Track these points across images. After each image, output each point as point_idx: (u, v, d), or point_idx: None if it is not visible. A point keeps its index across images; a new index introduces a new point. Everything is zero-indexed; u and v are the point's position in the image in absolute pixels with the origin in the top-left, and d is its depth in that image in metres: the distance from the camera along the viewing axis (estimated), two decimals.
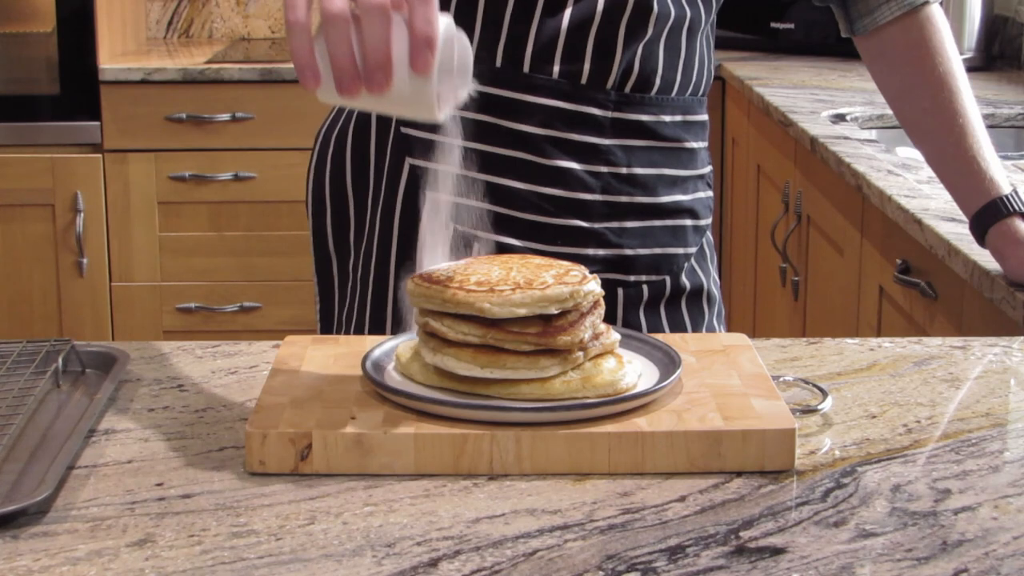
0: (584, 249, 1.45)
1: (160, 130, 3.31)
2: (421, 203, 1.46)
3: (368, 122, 1.55)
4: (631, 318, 1.49)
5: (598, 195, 1.45)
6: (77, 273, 3.37)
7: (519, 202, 1.44)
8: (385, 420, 1.03)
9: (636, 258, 1.48)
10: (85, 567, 0.87)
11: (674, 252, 1.51)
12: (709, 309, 1.55)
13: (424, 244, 1.43)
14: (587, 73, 1.43)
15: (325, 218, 1.60)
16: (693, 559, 0.88)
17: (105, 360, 1.21)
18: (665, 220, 1.50)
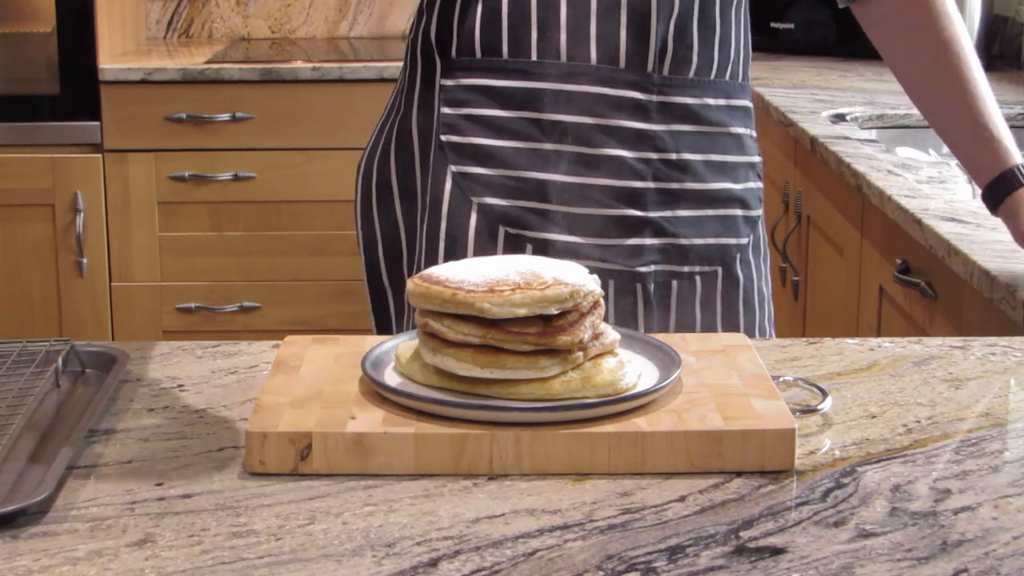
0: (641, 239, 1.45)
1: (160, 130, 3.31)
2: (469, 211, 1.45)
3: (410, 138, 1.53)
4: (686, 315, 1.48)
5: (650, 182, 1.44)
6: (77, 273, 3.37)
7: (570, 196, 1.43)
8: (385, 420, 1.03)
9: (690, 248, 1.48)
10: (85, 567, 0.87)
11: (726, 243, 1.50)
12: (760, 308, 1.54)
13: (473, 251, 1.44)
14: (624, 55, 1.42)
15: (377, 253, 1.59)
16: (693, 559, 0.88)
17: (105, 360, 1.21)
18: (717, 209, 1.49)
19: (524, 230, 1.44)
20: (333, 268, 3.35)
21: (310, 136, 3.29)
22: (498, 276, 1.07)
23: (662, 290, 1.48)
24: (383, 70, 3.23)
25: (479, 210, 1.44)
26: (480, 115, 1.45)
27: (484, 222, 1.45)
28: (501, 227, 1.44)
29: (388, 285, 1.60)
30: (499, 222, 1.44)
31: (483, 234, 1.45)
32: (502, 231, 1.44)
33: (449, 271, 1.10)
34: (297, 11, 3.85)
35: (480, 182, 1.44)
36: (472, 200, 1.45)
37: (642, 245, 1.45)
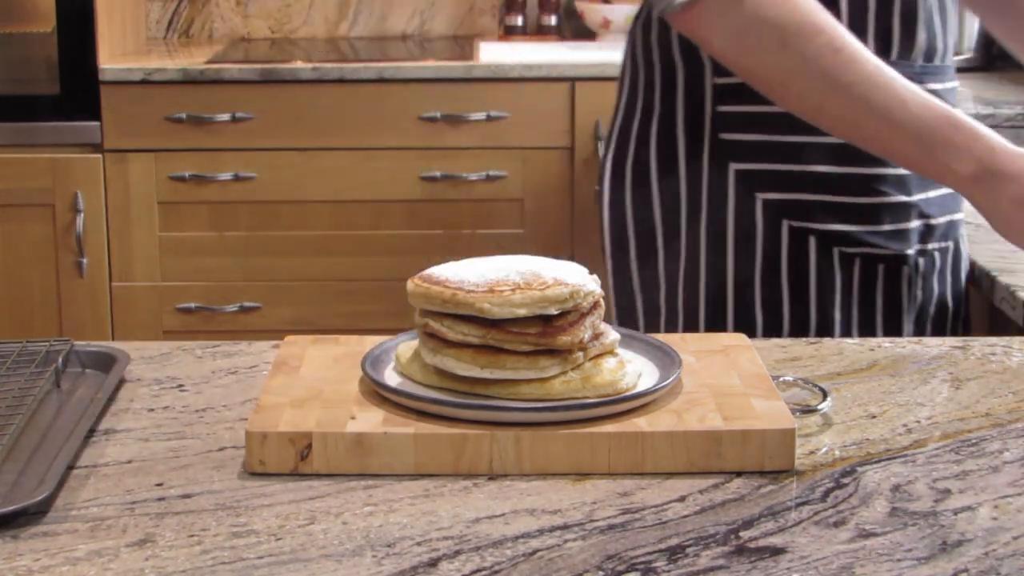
0: (907, 223, 1.51)
1: (160, 130, 3.31)
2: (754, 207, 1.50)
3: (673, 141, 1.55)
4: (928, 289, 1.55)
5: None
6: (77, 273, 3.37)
7: (847, 187, 1.49)
8: (385, 420, 1.03)
9: (936, 226, 1.54)
10: (85, 567, 0.87)
11: (956, 218, 1.58)
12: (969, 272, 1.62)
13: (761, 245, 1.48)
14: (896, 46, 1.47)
15: (629, 255, 1.60)
16: (693, 559, 0.88)
17: (105, 360, 1.21)
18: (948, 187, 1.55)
19: (806, 222, 1.49)
20: (333, 268, 3.35)
21: (310, 136, 3.29)
22: (498, 276, 1.07)
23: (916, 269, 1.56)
24: (383, 70, 3.23)
25: (763, 205, 1.50)
26: (759, 112, 1.49)
27: (769, 216, 1.50)
28: (785, 221, 1.50)
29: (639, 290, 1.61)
30: (783, 216, 1.50)
31: (771, 230, 1.50)
32: (785, 224, 1.50)
33: (449, 271, 1.09)
34: (297, 11, 3.85)
35: (763, 177, 1.50)
36: (756, 196, 1.50)
37: (908, 228, 1.52)
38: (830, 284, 1.51)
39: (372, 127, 3.26)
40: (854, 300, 1.52)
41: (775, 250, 1.51)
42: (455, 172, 3.26)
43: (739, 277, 1.53)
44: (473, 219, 3.28)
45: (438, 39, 3.78)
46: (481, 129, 3.24)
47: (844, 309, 1.52)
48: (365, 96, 3.26)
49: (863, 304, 1.53)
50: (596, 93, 3.19)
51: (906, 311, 1.54)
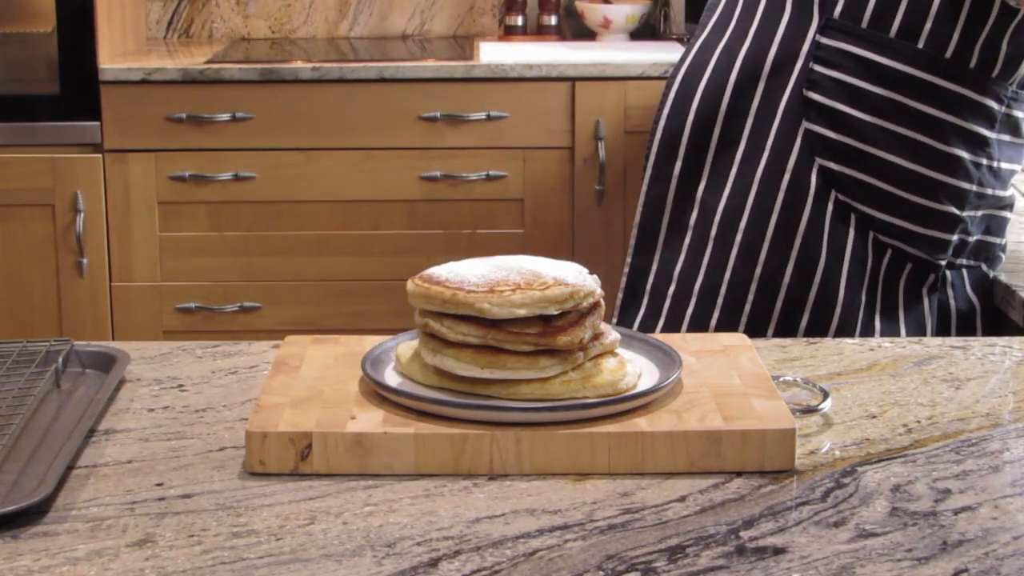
0: (949, 234, 1.53)
1: (160, 130, 3.31)
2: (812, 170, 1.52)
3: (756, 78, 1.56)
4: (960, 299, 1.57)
5: (974, 186, 1.52)
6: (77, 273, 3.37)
7: (904, 181, 1.50)
8: (385, 420, 1.03)
9: (970, 243, 1.56)
10: (85, 567, 0.87)
11: (992, 240, 1.59)
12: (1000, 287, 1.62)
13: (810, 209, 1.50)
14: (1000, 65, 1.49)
15: (674, 165, 1.62)
16: (693, 559, 0.88)
17: (105, 360, 1.21)
18: (997, 211, 1.58)
19: (853, 200, 1.51)
20: (333, 268, 3.34)
21: (310, 136, 3.29)
22: (498, 276, 1.07)
23: (943, 280, 1.56)
24: (383, 70, 3.23)
25: (820, 171, 1.51)
26: (848, 82, 1.51)
27: (822, 183, 1.52)
28: (834, 192, 1.51)
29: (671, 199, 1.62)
30: (834, 187, 1.52)
31: (820, 196, 1.52)
32: (834, 195, 1.52)
33: (449, 271, 1.10)
34: (297, 11, 3.85)
35: (829, 145, 1.51)
36: (816, 160, 1.52)
37: (947, 240, 1.54)
38: (862, 265, 1.53)
39: (372, 127, 3.26)
40: (879, 288, 1.54)
41: (820, 216, 1.53)
42: (455, 172, 3.26)
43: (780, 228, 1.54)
44: (473, 219, 3.28)
45: (438, 39, 3.78)
46: (481, 129, 3.24)
47: (870, 292, 1.54)
48: (365, 96, 3.26)
49: (886, 295, 1.54)
50: (596, 93, 3.19)
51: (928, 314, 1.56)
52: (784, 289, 1.54)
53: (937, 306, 1.56)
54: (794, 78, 1.54)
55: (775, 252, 1.54)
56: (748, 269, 1.55)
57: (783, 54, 1.55)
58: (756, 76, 1.57)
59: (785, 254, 1.54)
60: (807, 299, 1.53)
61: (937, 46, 1.48)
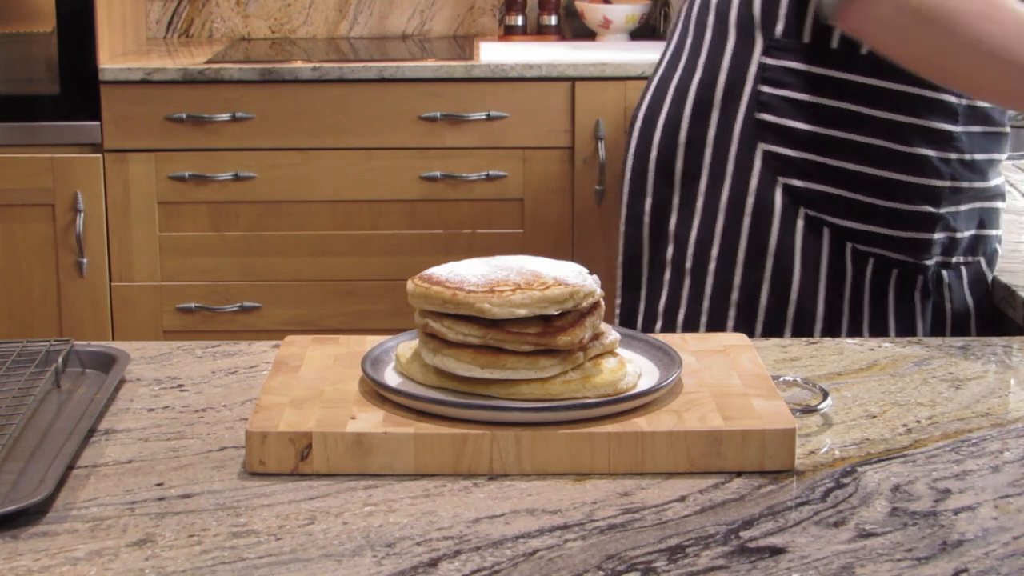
0: (929, 234, 1.51)
1: (160, 130, 3.31)
2: (774, 190, 1.51)
3: (708, 108, 1.56)
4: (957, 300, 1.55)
5: (947, 181, 1.50)
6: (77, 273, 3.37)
7: (871, 188, 1.49)
8: (385, 420, 1.03)
9: (962, 240, 1.54)
10: (85, 567, 0.87)
11: (987, 234, 1.57)
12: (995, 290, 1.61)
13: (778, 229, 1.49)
14: None
15: (644, 203, 1.63)
16: (693, 559, 0.88)
17: (105, 360, 1.21)
18: (985, 203, 1.56)
19: (824, 214, 1.50)
20: (333, 268, 3.34)
21: (310, 136, 3.29)
22: (498, 276, 1.07)
23: (936, 279, 1.55)
24: (383, 70, 3.23)
25: (784, 190, 1.51)
26: (797, 99, 1.50)
27: (788, 202, 1.51)
28: (803, 208, 1.51)
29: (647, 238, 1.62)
30: (802, 204, 1.51)
31: (787, 215, 1.51)
32: (803, 212, 1.51)
33: (449, 271, 1.10)
34: (297, 11, 3.85)
35: (789, 163, 1.50)
36: (779, 180, 1.51)
37: (930, 239, 1.52)
38: (840, 277, 1.52)
39: (372, 127, 3.26)
40: (865, 298, 1.53)
41: (789, 234, 1.52)
42: (455, 172, 3.26)
43: (751, 252, 1.53)
44: (473, 219, 3.28)
45: (438, 39, 3.78)
46: (481, 129, 3.24)
47: (854, 303, 1.53)
48: (365, 96, 3.26)
49: (874, 303, 1.53)
50: (596, 93, 3.19)
51: (920, 318, 1.54)
52: (762, 312, 1.53)
53: (932, 309, 1.55)
54: (745, 102, 1.53)
55: (748, 277, 1.54)
56: (724, 296, 1.55)
57: (732, 80, 1.55)
58: (709, 105, 1.57)
59: (759, 277, 1.53)
60: (785, 318, 1.52)
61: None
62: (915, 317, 1.54)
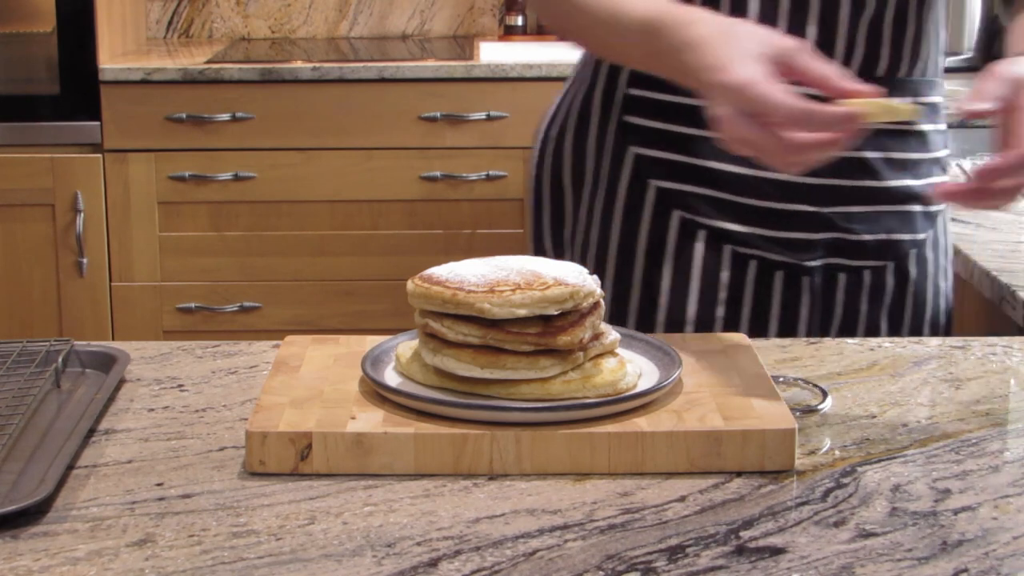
0: (810, 233, 1.46)
1: (160, 130, 3.31)
2: (645, 192, 1.48)
3: (588, 114, 1.55)
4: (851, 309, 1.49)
5: (824, 179, 1.45)
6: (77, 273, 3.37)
7: (744, 188, 1.45)
8: (385, 420, 1.03)
9: (861, 243, 1.48)
10: (85, 567, 0.87)
11: (900, 238, 1.50)
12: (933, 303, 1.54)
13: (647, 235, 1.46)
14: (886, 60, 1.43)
15: (543, 216, 1.61)
16: (693, 559, 0.88)
17: (105, 360, 1.21)
18: (893, 205, 1.49)
19: (697, 216, 1.46)
20: (333, 268, 3.34)
21: (310, 136, 3.29)
22: (498, 276, 1.07)
23: (828, 283, 1.49)
24: (383, 70, 3.23)
25: (656, 193, 1.48)
26: (665, 100, 1.47)
27: (660, 206, 1.48)
28: (675, 212, 1.47)
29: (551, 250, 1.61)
30: (674, 207, 1.47)
31: (659, 217, 1.48)
32: (676, 216, 1.47)
33: (449, 271, 1.10)
34: (297, 11, 3.85)
35: (659, 165, 1.47)
36: (650, 183, 1.48)
37: (811, 239, 1.47)
38: (714, 281, 1.46)
39: (372, 127, 3.26)
40: (745, 300, 1.47)
41: (659, 237, 1.48)
42: (455, 172, 3.26)
43: (621, 258, 1.50)
44: (473, 219, 3.28)
45: (438, 39, 3.78)
46: (481, 129, 3.24)
47: (731, 306, 1.47)
48: (365, 96, 3.26)
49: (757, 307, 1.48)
50: None
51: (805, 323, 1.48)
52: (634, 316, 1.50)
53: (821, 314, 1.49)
54: (617, 106, 1.51)
55: (619, 280, 1.51)
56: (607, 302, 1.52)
57: (607, 86, 1.52)
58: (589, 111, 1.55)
59: (628, 280, 1.51)
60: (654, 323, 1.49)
61: None
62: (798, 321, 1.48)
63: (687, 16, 1.24)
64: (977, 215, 1.88)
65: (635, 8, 1.32)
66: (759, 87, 1.10)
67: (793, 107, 1.09)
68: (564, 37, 1.47)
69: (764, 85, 1.11)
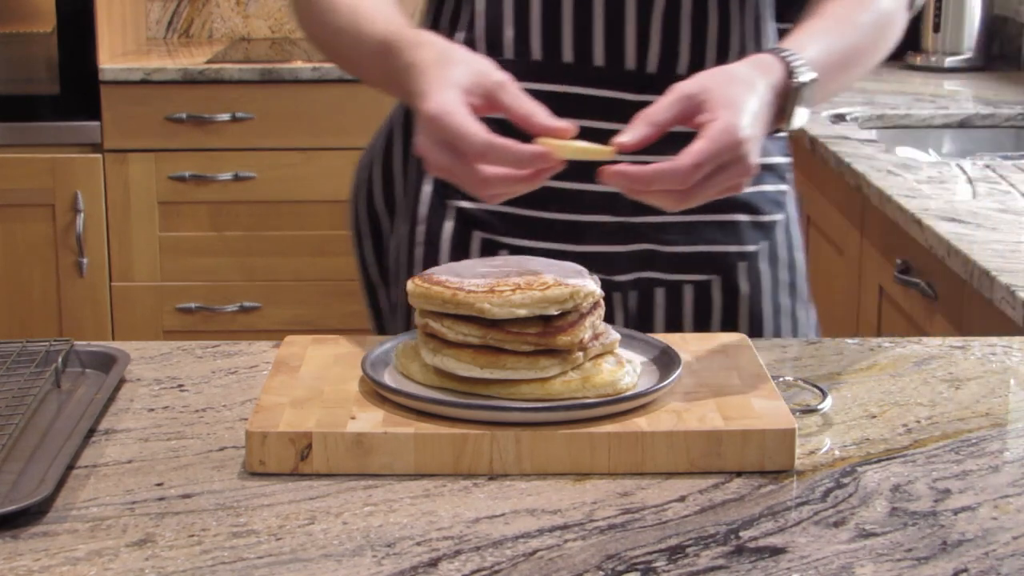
0: (616, 246, 1.38)
1: (160, 130, 3.32)
2: (445, 213, 1.42)
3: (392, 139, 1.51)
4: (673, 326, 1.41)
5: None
6: (77, 273, 3.37)
7: (544, 202, 1.36)
8: (385, 420, 1.03)
9: (677, 255, 1.40)
10: (85, 567, 0.87)
11: (726, 250, 1.41)
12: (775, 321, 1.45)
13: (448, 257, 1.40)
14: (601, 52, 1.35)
15: (365, 247, 1.57)
16: (693, 559, 0.88)
17: (105, 360, 1.21)
18: (712, 215, 1.39)
19: (498, 235, 1.39)
20: (333, 268, 3.35)
21: (310, 136, 3.29)
22: (498, 276, 1.07)
23: (644, 300, 1.41)
24: None
25: (455, 215, 1.41)
26: None
27: (460, 227, 1.41)
28: (476, 233, 1.41)
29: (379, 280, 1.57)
30: (474, 227, 1.41)
31: (459, 239, 1.41)
32: (477, 237, 1.40)
33: (449, 271, 1.10)
34: None
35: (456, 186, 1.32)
36: (448, 204, 1.41)
37: (617, 252, 1.39)
38: None
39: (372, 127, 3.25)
40: None
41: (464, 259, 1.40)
42: None
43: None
44: None
45: None
46: None
47: None
48: (365, 96, 3.26)
49: None
50: None
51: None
52: None
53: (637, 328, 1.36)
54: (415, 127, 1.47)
55: None
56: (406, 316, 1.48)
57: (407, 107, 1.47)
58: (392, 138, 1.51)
59: None
60: None
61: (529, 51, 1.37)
62: None
63: (415, 39, 1.23)
64: (977, 215, 1.88)
65: (375, 26, 1.31)
66: (451, 118, 1.09)
67: (481, 141, 1.08)
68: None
69: (457, 116, 1.09)
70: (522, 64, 1.36)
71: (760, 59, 1.21)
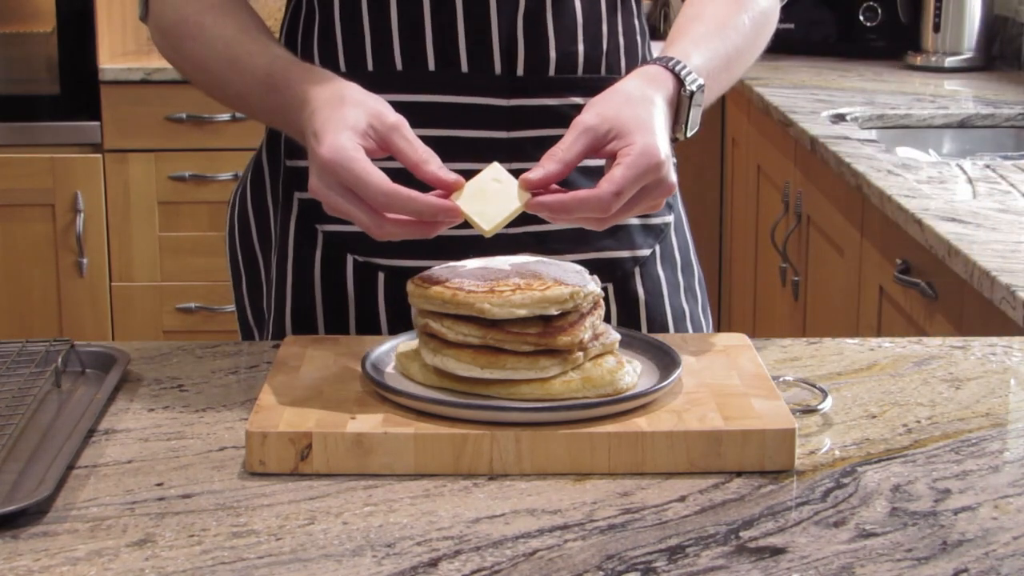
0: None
1: (160, 130, 3.32)
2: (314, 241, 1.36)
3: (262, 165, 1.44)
4: None
5: None
6: (77, 273, 3.37)
7: None
8: (385, 420, 1.03)
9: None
10: (85, 567, 0.87)
11: (617, 256, 1.37)
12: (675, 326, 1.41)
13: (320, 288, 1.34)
14: (465, 57, 1.30)
15: (242, 290, 1.50)
16: (693, 559, 0.88)
17: (105, 360, 1.21)
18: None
19: (372, 257, 1.34)
20: None
21: None
22: (498, 277, 1.07)
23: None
24: None
25: (325, 239, 1.35)
26: None
27: (330, 252, 1.35)
28: (349, 255, 1.34)
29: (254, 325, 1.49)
30: (347, 250, 1.35)
31: (331, 264, 1.35)
32: (351, 259, 1.34)
33: (449, 271, 1.10)
34: None
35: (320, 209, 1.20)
36: (317, 228, 1.35)
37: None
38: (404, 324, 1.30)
39: None
40: None
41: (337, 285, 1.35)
42: None
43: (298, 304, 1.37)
44: None
45: None
46: None
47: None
48: None
49: None
50: None
51: None
52: None
53: None
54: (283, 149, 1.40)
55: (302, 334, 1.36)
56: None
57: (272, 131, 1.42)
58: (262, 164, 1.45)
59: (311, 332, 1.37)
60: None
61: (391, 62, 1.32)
62: None
63: (304, 74, 1.21)
64: (977, 216, 1.88)
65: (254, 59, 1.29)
66: (351, 165, 1.08)
67: (383, 191, 1.07)
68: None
69: (357, 164, 1.08)
70: (384, 75, 1.31)
71: (648, 71, 1.21)
